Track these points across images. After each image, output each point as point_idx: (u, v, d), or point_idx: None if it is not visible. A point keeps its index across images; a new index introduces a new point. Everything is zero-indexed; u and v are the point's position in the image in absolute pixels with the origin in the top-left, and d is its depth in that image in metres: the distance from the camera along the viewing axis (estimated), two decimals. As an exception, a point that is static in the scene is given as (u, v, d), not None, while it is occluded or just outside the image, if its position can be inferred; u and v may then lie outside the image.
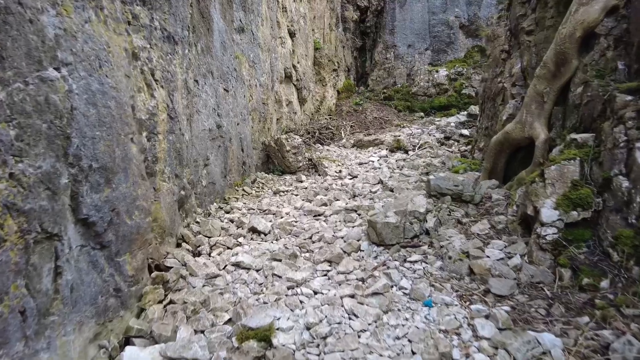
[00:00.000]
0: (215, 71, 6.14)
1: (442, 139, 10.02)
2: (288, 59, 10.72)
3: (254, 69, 8.36)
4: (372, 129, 12.61)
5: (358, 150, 10.06)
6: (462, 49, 15.73)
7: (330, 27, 14.84)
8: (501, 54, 6.00)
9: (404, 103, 15.04)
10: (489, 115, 6.51)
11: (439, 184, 4.64)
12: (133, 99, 3.41)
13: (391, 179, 6.78)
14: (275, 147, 8.30)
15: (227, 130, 6.44)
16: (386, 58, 15.99)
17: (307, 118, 11.76)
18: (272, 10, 9.88)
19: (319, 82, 12.74)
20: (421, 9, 15.77)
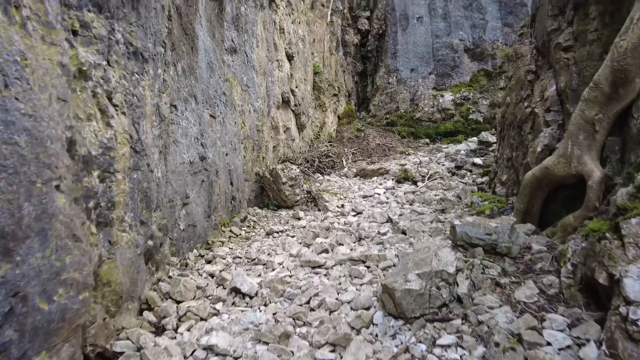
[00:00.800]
0: (200, 95, 5.36)
1: (452, 168, 9.21)
2: (286, 83, 10.02)
3: (247, 94, 7.62)
4: (375, 156, 11.82)
5: (361, 181, 9.21)
6: (468, 73, 15.14)
7: (331, 50, 14.29)
8: (527, 75, 5.24)
9: (407, 129, 14.32)
10: (513, 144, 5.69)
11: (468, 232, 3.75)
12: (71, 130, 2.58)
13: (402, 217, 5.90)
14: (270, 178, 7.46)
15: (213, 162, 5.60)
16: (388, 82, 15.39)
17: (306, 145, 10.99)
18: (269, 31, 9.24)
19: (319, 108, 12.05)
20: (424, 32, 15.27)
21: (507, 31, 15.22)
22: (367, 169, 9.53)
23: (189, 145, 4.89)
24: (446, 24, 15.26)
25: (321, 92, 12.09)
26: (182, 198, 4.73)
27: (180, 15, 4.99)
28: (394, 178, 8.91)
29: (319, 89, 12.07)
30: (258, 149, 7.97)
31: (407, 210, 6.34)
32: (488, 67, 15.17)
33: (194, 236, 5.01)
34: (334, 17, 14.82)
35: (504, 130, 6.52)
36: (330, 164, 10.16)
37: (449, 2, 15.30)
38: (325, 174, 9.66)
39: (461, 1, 15.28)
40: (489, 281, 3.35)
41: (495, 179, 6.41)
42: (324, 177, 9.32)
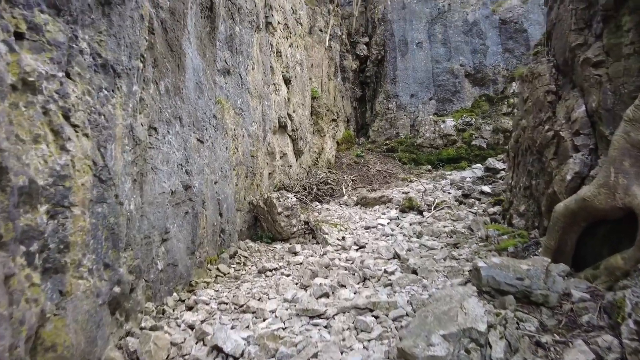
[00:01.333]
0: (186, 117, 4.84)
1: (459, 196, 8.65)
2: (283, 107, 9.59)
3: (241, 117, 7.13)
4: (376, 183, 11.29)
5: (363, 210, 8.63)
6: (469, 98, 14.84)
7: (329, 76, 13.99)
8: (546, 95, 4.76)
9: (408, 155, 13.86)
10: (532, 171, 5.16)
11: (495, 276, 3.15)
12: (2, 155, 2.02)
13: (410, 252, 5.29)
14: (264, 208, 6.87)
15: (200, 191, 5.03)
16: (388, 108, 15.05)
17: (303, 172, 10.46)
18: (265, 54, 8.87)
19: (317, 133, 11.61)
20: (424, 57, 15.06)
21: (508, 56, 15.03)
22: (369, 197, 8.97)
23: (170, 172, 4.33)
24: (446, 49, 15.07)
25: (319, 117, 11.68)
26: (161, 233, 4.13)
27: (166, 30, 4.53)
28: (397, 207, 8.34)
29: (317, 114, 11.67)
30: (252, 176, 7.42)
31: (415, 244, 5.73)
32: (490, 93, 14.89)
33: (175, 277, 4.37)
34: (333, 43, 14.62)
35: (518, 156, 6.00)
36: (329, 192, 9.60)
37: (448, 28, 15.18)
38: (324, 202, 9.08)
39: (461, 27, 15.15)
40: (528, 340, 2.72)
41: (511, 210, 5.84)
42: (322, 205, 8.74)
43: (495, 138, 13.39)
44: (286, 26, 10.23)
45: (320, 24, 14.12)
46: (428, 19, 15.31)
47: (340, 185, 10.18)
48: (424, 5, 15.41)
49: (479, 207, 7.80)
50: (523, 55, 14.96)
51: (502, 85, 14.93)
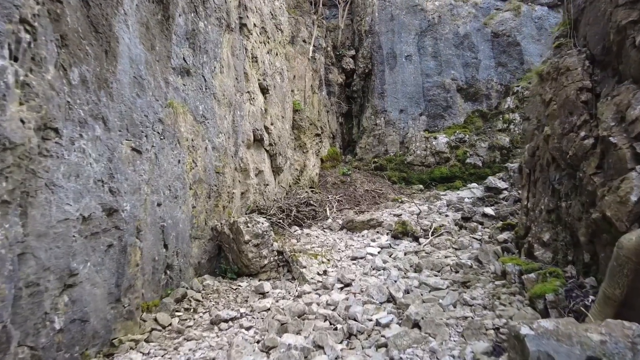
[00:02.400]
0: (115, 119, 3.68)
1: (459, 220, 7.56)
2: (259, 118, 8.49)
3: (203, 126, 5.99)
4: (363, 204, 10.16)
5: (349, 235, 7.47)
6: (462, 114, 13.99)
7: (313, 89, 13.02)
8: (579, 94, 3.74)
9: (398, 174, 12.83)
10: (559, 191, 4.10)
11: (553, 352, 2.01)
12: None
13: (408, 295, 4.13)
14: (229, 235, 5.67)
15: (132, 217, 3.83)
16: (376, 124, 14.09)
17: (282, 191, 9.30)
18: (238, 58, 7.82)
19: (299, 149, 10.51)
20: (414, 71, 14.24)
21: (501, 71, 14.30)
22: (356, 221, 7.82)
23: (81, 191, 3.13)
24: (437, 62, 14.29)
25: (302, 131, 10.61)
26: (61, 277, 2.92)
27: (87, 3, 3.42)
28: (389, 232, 7.21)
29: (299, 128, 10.60)
30: (216, 197, 6.23)
31: (414, 281, 4.57)
32: (483, 108, 14.07)
33: (84, 337, 3.13)
34: (317, 55, 13.72)
35: (535, 173, 4.96)
36: (312, 214, 8.43)
37: (439, 41, 14.44)
38: (304, 226, 7.89)
39: (452, 39, 14.43)
40: None
41: (529, 237, 4.75)
42: (303, 230, 7.55)
43: (491, 156, 12.47)
44: (264, 30, 9.24)
45: (303, 35, 13.24)
46: (417, 32, 14.57)
47: (324, 206, 9.03)
48: (413, 17, 14.69)
49: (483, 233, 6.72)
50: (517, 70, 14.27)
51: (496, 100, 14.13)
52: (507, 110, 13.37)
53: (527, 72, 14.13)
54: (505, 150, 12.47)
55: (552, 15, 14.81)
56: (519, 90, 13.54)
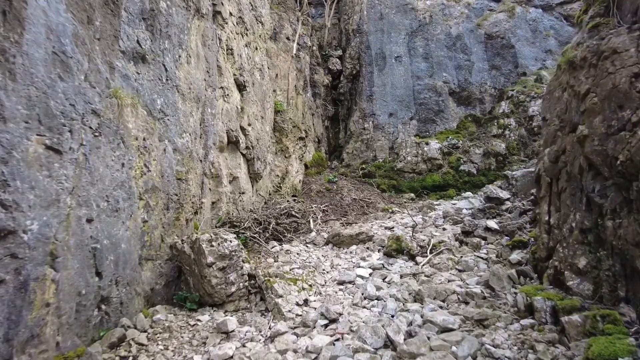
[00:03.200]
0: (18, 106, 2.68)
1: (459, 234, 6.69)
2: (234, 118, 7.52)
3: (161, 123, 5.01)
4: (351, 214, 9.25)
5: (335, 252, 6.53)
6: (454, 119, 13.25)
7: (297, 90, 12.11)
8: (634, 81, 2.90)
9: (388, 181, 11.97)
10: (602, 206, 3.24)
11: None
12: None
13: (412, 339, 3.19)
14: (190, 255, 4.67)
15: (42, 238, 2.81)
16: (364, 128, 13.25)
17: (261, 201, 8.32)
18: (210, 49, 6.87)
19: (281, 153, 9.56)
20: (404, 73, 13.46)
21: (495, 74, 13.65)
22: (343, 235, 6.88)
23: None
24: (428, 64, 13.56)
25: (284, 134, 9.66)
26: None
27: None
28: (381, 248, 6.30)
29: (281, 130, 9.65)
30: (177, 208, 5.22)
31: (417, 317, 3.64)
32: (476, 113, 13.36)
33: None
34: (302, 54, 12.83)
35: (559, 182, 4.12)
36: (293, 226, 7.46)
37: (430, 41, 13.72)
38: (284, 241, 6.92)
39: (444, 40, 13.73)
40: None
41: (556, 262, 3.88)
42: (282, 246, 6.57)
43: (486, 163, 11.72)
44: (241, 21, 8.30)
45: (287, 32, 12.34)
46: (408, 32, 13.84)
47: (308, 217, 8.07)
48: (403, 17, 13.96)
49: (489, 251, 5.86)
50: (511, 73, 13.64)
51: (490, 105, 13.46)
52: (502, 115, 12.68)
53: (521, 76, 13.52)
54: (501, 157, 11.74)
55: (546, 17, 14.26)
56: (514, 95, 12.88)
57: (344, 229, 7.41)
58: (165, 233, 5.00)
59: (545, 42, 13.76)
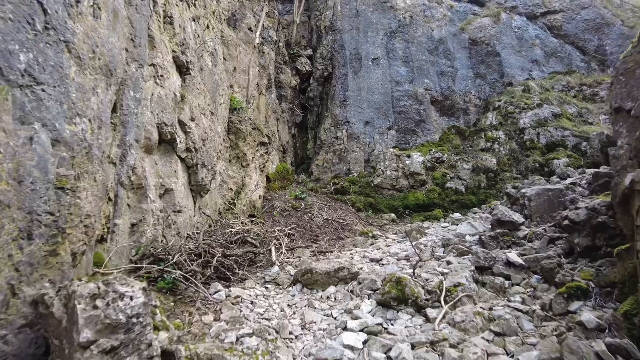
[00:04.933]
0: None
1: (472, 270, 4.97)
2: (170, 108, 5.53)
3: (26, 95, 2.97)
4: (323, 239, 7.38)
5: (307, 297, 4.61)
6: (436, 130, 11.83)
7: (259, 88, 10.25)
8: None
9: (364, 199, 10.24)
10: None
11: None
12: None
13: None
14: (61, 320, 2.59)
15: None
16: (336, 137, 11.53)
17: (205, 222, 6.29)
18: (139, 10, 4.91)
19: (236, 161, 7.59)
20: (382, 77, 11.95)
21: (480, 83, 12.43)
22: (317, 271, 4.97)
23: None
24: (408, 69, 12.13)
25: (240, 137, 7.71)
26: None
27: None
28: (371, 293, 4.45)
29: (238, 132, 7.69)
30: (53, 236, 3.15)
31: None
32: (460, 124, 12.02)
33: None
34: (266, 48, 11.03)
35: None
36: (248, 258, 5.48)
37: (410, 44, 12.34)
38: (234, 280, 4.90)
39: (425, 44, 12.40)
40: None
41: None
42: (230, 289, 4.56)
43: (475, 180, 10.26)
44: (188, -14, 6.40)
45: (249, 21, 10.52)
46: (386, 32, 12.41)
47: (269, 244, 6.11)
48: (382, 15, 12.55)
49: (524, 298, 4.15)
50: (497, 83, 12.47)
51: (475, 116, 12.18)
52: (490, 127, 11.37)
53: (507, 86, 12.36)
54: (492, 174, 10.32)
55: (531, 26, 13.32)
56: (501, 106, 11.64)
57: (316, 262, 5.50)
58: (23, 280, 2.92)
59: (531, 51, 12.75)
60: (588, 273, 4.04)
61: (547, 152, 10.33)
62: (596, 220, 4.43)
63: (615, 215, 4.30)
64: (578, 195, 6.47)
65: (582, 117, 11.03)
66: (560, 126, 10.53)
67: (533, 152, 10.43)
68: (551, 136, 10.44)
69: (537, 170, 10.06)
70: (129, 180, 4.77)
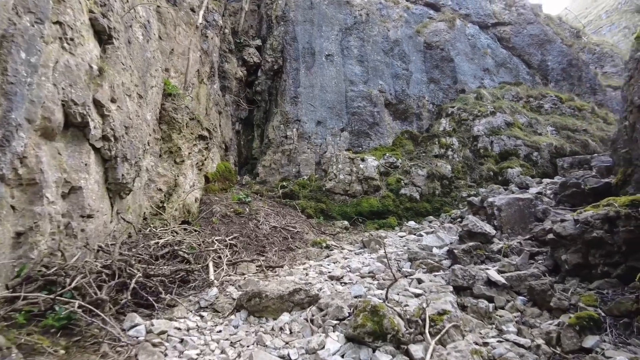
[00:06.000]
0: None
1: (447, 290, 4.29)
2: (82, 82, 4.27)
3: None
4: (271, 250, 6.39)
5: (254, 331, 3.61)
6: (390, 134, 11.32)
7: (200, 76, 9.04)
8: None
9: (315, 204, 9.38)
10: None
11: None
12: None
13: None
14: None
15: None
16: (286, 136, 10.59)
17: (125, 230, 5.03)
18: (37, -54, 3.64)
19: (168, 156, 6.37)
20: (335, 75, 11.22)
21: (434, 88, 12.16)
22: (267, 295, 3.99)
23: None
24: (363, 68, 11.52)
25: (175, 128, 6.49)
26: None
27: None
28: (337, 323, 3.56)
29: (172, 122, 6.47)
30: None
31: None
32: (413, 130, 11.62)
33: None
34: (210, 33, 9.85)
35: None
36: (179, 277, 4.36)
37: (366, 42, 11.76)
38: (157, 309, 3.77)
39: (381, 44, 11.89)
40: None
41: None
42: (152, 321, 3.45)
43: (430, 187, 9.82)
44: (113, -64, 5.14)
45: (192, 1, 9.29)
46: (342, 27, 11.73)
47: (206, 258, 5.00)
48: (337, 10, 11.85)
49: (520, 328, 3.50)
50: (450, 89, 12.27)
51: (428, 122, 11.86)
52: (443, 134, 11.06)
53: (460, 93, 12.21)
54: (447, 181, 9.96)
55: (483, 35, 13.36)
56: (455, 112, 11.41)
57: (265, 282, 4.52)
58: None
59: (483, 60, 12.74)
60: (591, 298, 3.48)
61: (500, 161, 10.18)
62: (591, 235, 3.92)
63: (613, 229, 3.81)
64: (547, 205, 6.11)
65: (532, 127, 11.09)
66: (513, 135, 10.46)
67: (487, 160, 10.24)
68: (504, 145, 10.32)
69: (491, 179, 9.85)
70: (14, 174, 3.51)
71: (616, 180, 5.83)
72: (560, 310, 3.59)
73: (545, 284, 3.83)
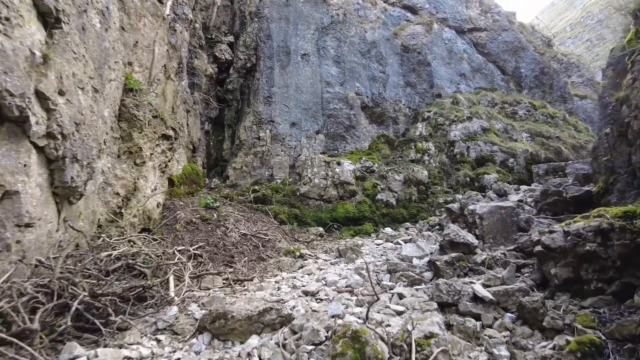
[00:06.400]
0: None
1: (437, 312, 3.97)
2: (21, 70, 3.69)
3: None
4: (240, 261, 5.92)
5: (216, 358, 3.16)
6: (366, 138, 11.05)
7: (167, 72, 8.46)
8: None
9: (288, 209, 8.97)
10: None
11: None
12: None
13: None
14: None
15: None
16: (258, 137, 10.11)
17: (74, 240, 4.45)
18: None
19: (128, 157, 5.79)
20: (311, 75, 10.85)
21: (410, 92, 11.99)
22: (233, 315, 3.54)
23: None
24: (339, 69, 11.21)
25: (135, 126, 5.92)
26: None
27: None
28: (313, 350, 3.15)
29: (132, 119, 5.90)
30: None
31: None
32: (389, 134, 11.40)
33: None
34: (179, 26, 9.27)
35: None
36: (135, 295, 3.84)
37: (342, 43, 11.46)
38: (107, 335, 3.26)
39: (358, 45, 11.62)
40: None
41: None
42: (96, 352, 2.94)
43: (407, 192, 9.58)
44: None
45: (159, -8, 8.69)
46: (318, 27, 11.38)
47: (166, 272, 4.49)
48: (313, 8, 11.50)
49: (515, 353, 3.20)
50: (426, 93, 12.13)
51: (404, 126, 11.67)
52: (420, 138, 10.89)
53: (436, 98, 12.10)
54: (423, 187, 9.75)
55: (459, 40, 13.33)
56: (431, 117, 11.27)
57: (232, 299, 4.06)
58: None
59: (459, 65, 12.69)
60: (587, 317, 3.23)
61: (477, 167, 10.08)
62: (583, 249, 3.68)
63: (607, 243, 3.59)
64: (528, 214, 5.92)
65: (507, 134, 11.07)
66: (490, 141, 10.39)
67: (464, 166, 10.11)
68: (481, 150, 10.22)
69: (468, 185, 9.72)
70: None
71: (597, 188, 5.71)
72: (555, 330, 3.32)
73: (536, 302, 3.56)
